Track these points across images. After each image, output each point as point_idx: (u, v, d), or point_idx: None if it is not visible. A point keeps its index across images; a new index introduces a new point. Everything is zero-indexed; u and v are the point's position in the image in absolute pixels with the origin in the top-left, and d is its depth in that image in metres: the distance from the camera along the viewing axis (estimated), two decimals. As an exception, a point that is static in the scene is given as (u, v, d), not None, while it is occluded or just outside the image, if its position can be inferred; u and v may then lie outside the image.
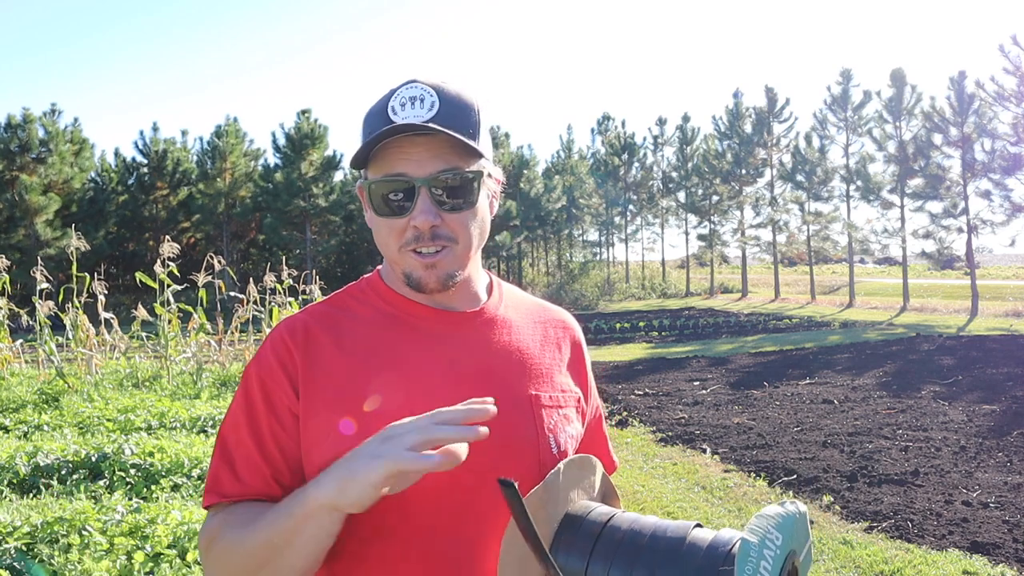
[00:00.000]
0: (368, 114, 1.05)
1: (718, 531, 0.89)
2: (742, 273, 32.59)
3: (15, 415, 6.81)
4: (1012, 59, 18.41)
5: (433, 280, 1.03)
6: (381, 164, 1.01)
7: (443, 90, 1.01)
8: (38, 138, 27.17)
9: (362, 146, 1.00)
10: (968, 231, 20.68)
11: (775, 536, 0.84)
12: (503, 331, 1.12)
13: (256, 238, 32.76)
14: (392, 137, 0.98)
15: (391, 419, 0.97)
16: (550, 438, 1.06)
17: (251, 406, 1.03)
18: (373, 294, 1.11)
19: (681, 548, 0.87)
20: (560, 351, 1.17)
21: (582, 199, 35.71)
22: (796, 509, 0.89)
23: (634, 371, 11.75)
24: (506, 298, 1.17)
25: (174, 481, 4.61)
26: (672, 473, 6.01)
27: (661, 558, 0.87)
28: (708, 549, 0.87)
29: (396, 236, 1.02)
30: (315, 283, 11.04)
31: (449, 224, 1.01)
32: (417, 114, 0.99)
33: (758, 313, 22.36)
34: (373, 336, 1.06)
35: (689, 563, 0.86)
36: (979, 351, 12.21)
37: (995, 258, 58.88)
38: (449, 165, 1.00)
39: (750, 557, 0.81)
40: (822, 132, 26.26)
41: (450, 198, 1.01)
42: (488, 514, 0.99)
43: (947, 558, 4.15)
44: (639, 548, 0.89)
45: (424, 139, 0.99)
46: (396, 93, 1.02)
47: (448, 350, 1.06)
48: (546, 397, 1.09)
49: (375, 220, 1.05)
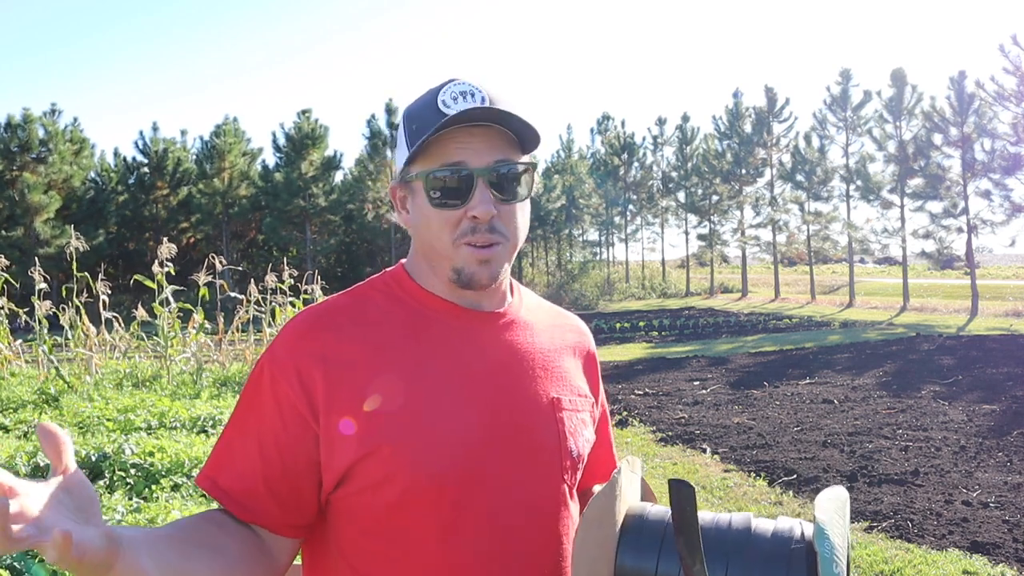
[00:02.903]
0: (412, 111, 1.04)
1: (775, 519, 0.94)
2: (742, 273, 32.60)
3: (15, 415, 6.81)
4: (1012, 59, 18.41)
5: (486, 276, 1.01)
6: (436, 155, 1.00)
7: (488, 87, 1.02)
8: (38, 138, 27.20)
9: (423, 139, 0.98)
10: (968, 231, 20.69)
11: (839, 518, 0.91)
12: (526, 333, 1.11)
13: (256, 238, 32.77)
14: (450, 128, 0.97)
15: (420, 412, 0.98)
16: (570, 441, 1.06)
17: (259, 407, 1.01)
18: (399, 289, 1.09)
19: (749, 537, 0.91)
20: (575, 356, 1.18)
21: (582, 199, 35.72)
22: (844, 494, 0.97)
23: (634, 371, 11.75)
24: (525, 299, 1.17)
25: (174, 481, 4.61)
26: (672, 473, 6.01)
27: (731, 548, 0.90)
28: (775, 534, 0.91)
29: (451, 228, 1.00)
30: (316, 283, 11.04)
31: (504, 217, 1.01)
32: (471, 105, 0.98)
33: (758, 313, 22.36)
34: (399, 330, 1.04)
35: (760, 549, 0.89)
36: (979, 351, 12.21)
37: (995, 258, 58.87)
38: (505, 156, 1.00)
39: (826, 535, 0.86)
40: (822, 132, 26.28)
41: (506, 190, 1.01)
42: (513, 516, 0.99)
43: (947, 558, 4.15)
44: (707, 542, 0.90)
45: (481, 130, 0.99)
46: (443, 89, 1.00)
47: (475, 347, 1.05)
48: (567, 400, 1.09)
49: (427, 212, 1.02)
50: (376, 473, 0.96)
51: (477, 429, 0.99)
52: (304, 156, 29.27)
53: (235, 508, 0.99)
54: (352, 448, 0.96)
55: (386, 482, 0.96)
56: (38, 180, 26.31)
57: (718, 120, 31.64)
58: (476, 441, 0.99)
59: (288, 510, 1.00)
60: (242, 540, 0.97)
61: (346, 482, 0.98)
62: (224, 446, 1.03)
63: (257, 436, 1.00)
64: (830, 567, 0.84)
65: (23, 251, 24.01)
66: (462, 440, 0.98)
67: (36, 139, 27.11)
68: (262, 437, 1.00)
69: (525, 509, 1.01)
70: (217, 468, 1.02)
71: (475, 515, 0.98)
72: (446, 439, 0.97)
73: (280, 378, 1.00)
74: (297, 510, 1.01)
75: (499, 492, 0.99)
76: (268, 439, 0.99)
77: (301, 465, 0.99)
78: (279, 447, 0.99)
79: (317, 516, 1.03)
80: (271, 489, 0.99)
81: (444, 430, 0.98)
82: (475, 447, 0.98)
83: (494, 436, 1.00)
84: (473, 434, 0.99)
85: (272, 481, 0.99)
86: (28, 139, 26.84)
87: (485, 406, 1.01)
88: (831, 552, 0.85)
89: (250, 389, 1.03)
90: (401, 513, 0.96)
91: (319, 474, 1.00)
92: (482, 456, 0.99)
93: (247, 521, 0.99)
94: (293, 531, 1.02)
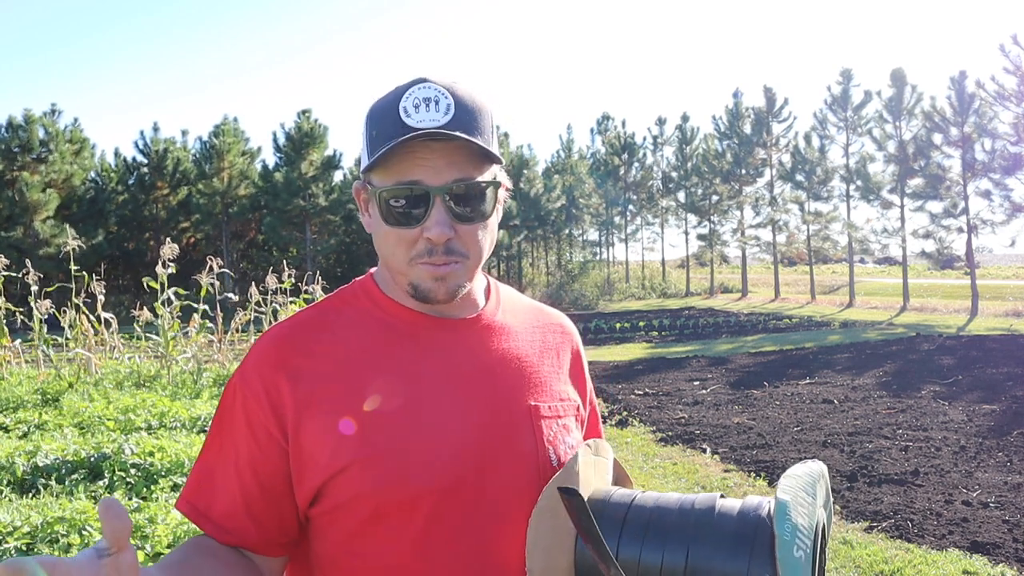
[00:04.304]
0: (374, 112, 0.98)
1: (744, 498, 0.89)
2: (742, 273, 32.59)
3: (14, 415, 6.81)
4: (1012, 59, 18.40)
5: (442, 293, 0.97)
6: (392, 169, 0.95)
7: (456, 92, 0.95)
8: (38, 138, 27.21)
9: (381, 152, 0.93)
10: (968, 231, 20.68)
11: (806, 495, 0.84)
12: (501, 338, 1.07)
13: (256, 238, 32.77)
14: (410, 140, 0.92)
15: (390, 426, 0.96)
16: (550, 450, 1.02)
17: (232, 428, 1.00)
18: (367, 300, 1.06)
19: (712, 519, 0.86)
20: (559, 358, 1.13)
21: (582, 199, 35.71)
22: (819, 467, 0.90)
23: (634, 371, 11.75)
24: (503, 302, 1.12)
25: (174, 481, 4.60)
26: (672, 473, 6.01)
27: (693, 532, 0.86)
28: (739, 515, 0.86)
29: (406, 247, 0.97)
30: (317, 283, 11.03)
31: (463, 237, 0.96)
32: (433, 117, 0.93)
33: (758, 313, 22.36)
34: (368, 343, 1.01)
35: (723, 531, 0.84)
36: (979, 351, 12.20)
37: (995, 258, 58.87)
38: (464, 174, 0.95)
39: (787, 515, 0.81)
40: (822, 132, 26.26)
41: (465, 209, 0.96)
42: (489, 527, 0.97)
43: (947, 558, 4.15)
44: (668, 525, 0.87)
45: (440, 145, 0.93)
46: (408, 93, 0.95)
47: (446, 357, 1.02)
48: (546, 407, 1.05)
49: (382, 228, 0.98)
50: (348, 490, 0.94)
51: (450, 442, 0.97)
52: (304, 156, 29.28)
53: (216, 532, 0.98)
54: (322, 466, 0.95)
55: (358, 499, 0.94)
56: (38, 179, 26.31)
57: (718, 120, 31.64)
58: (449, 454, 0.96)
59: (269, 530, 0.99)
60: (232, 564, 0.96)
61: (319, 500, 0.97)
62: (201, 470, 1.02)
63: (233, 458, 0.99)
64: (789, 550, 0.79)
65: (22, 251, 24.01)
66: (435, 454, 0.96)
67: (36, 139, 27.12)
68: (238, 459, 0.98)
69: (502, 521, 0.98)
70: (196, 492, 1.01)
71: (450, 529, 0.95)
72: (418, 454, 0.95)
73: (250, 398, 0.98)
74: (279, 529, 0.99)
75: (474, 505, 0.96)
76: (243, 460, 0.98)
77: (278, 485, 0.98)
78: (254, 468, 0.97)
79: (300, 533, 1.02)
80: (250, 511, 0.98)
81: (416, 444, 0.95)
82: (448, 460, 0.96)
83: (468, 448, 0.97)
84: (446, 447, 0.96)
85: (251, 502, 0.97)
86: (29, 139, 26.85)
87: (458, 417, 0.98)
88: (792, 534, 0.80)
89: (222, 411, 1.02)
90: (374, 529, 0.95)
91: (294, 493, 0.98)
92: (456, 469, 0.96)
93: (229, 544, 0.98)
94: (277, 550, 1.01)
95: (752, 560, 0.81)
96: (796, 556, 0.79)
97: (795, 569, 0.79)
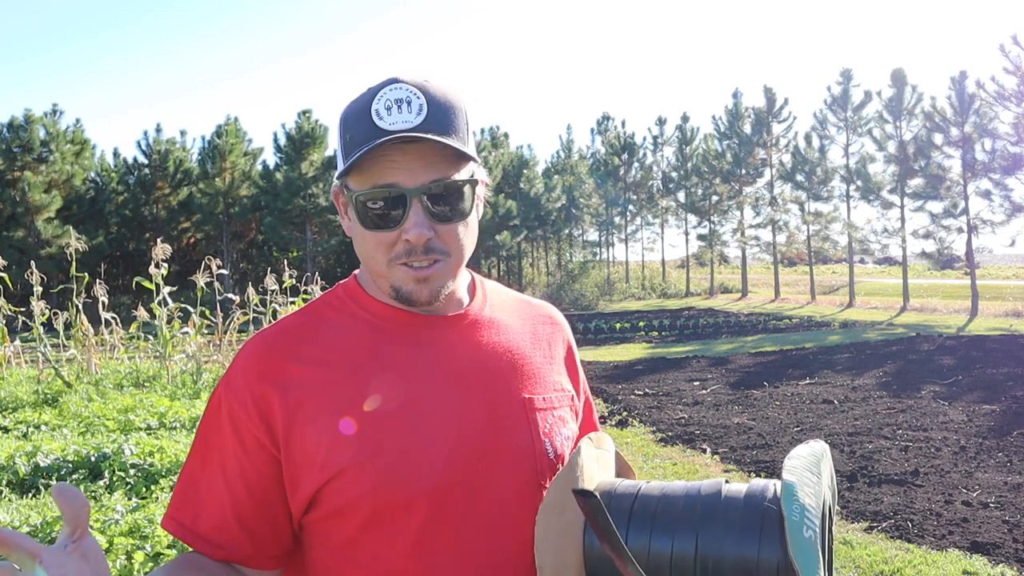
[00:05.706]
0: (347, 115, 0.97)
1: (748, 482, 0.89)
2: (742, 273, 32.60)
3: (14, 415, 6.81)
4: (1012, 59, 18.40)
5: (425, 294, 0.97)
6: (367, 173, 0.94)
7: (429, 91, 0.94)
8: (39, 139, 27.23)
9: (354, 158, 0.92)
10: (968, 231, 20.68)
11: (811, 475, 0.85)
12: (490, 333, 1.06)
13: (256, 238, 32.77)
14: (383, 144, 0.91)
15: (384, 427, 0.95)
16: (546, 443, 1.02)
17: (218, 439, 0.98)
18: (352, 303, 1.04)
19: (719, 504, 0.86)
20: (551, 348, 1.12)
21: (582, 199, 35.73)
22: (821, 446, 0.91)
23: (634, 371, 11.75)
24: (490, 297, 1.11)
25: (173, 481, 4.60)
26: (672, 473, 6.00)
27: (701, 518, 0.85)
28: (746, 499, 0.86)
29: (385, 250, 0.96)
30: (316, 283, 11.04)
31: (442, 236, 0.96)
32: (405, 119, 0.92)
33: (758, 313, 22.36)
34: (355, 345, 1.00)
35: (731, 516, 0.84)
36: (979, 351, 12.20)
37: (995, 258, 58.83)
38: (441, 174, 0.94)
39: (795, 497, 0.81)
40: (822, 132, 26.27)
41: (444, 208, 0.95)
42: (488, 524, 0.97)
43: (947, 558, 4.15)
44: (676, 513, 0.87)
45: (414, 146, 0.93)
46: (379, 95, 0.94)
47: (436, 355, 1.01)
48: (540, 400, 1.04)
49: (360, 232, 0.97)
50: (344, 494, 0.93)
51: (446, 440, 0.96)
52: (304, 156, 29.30)
53: (207, 548, 0.97)
54: (315, 472, 0.93)
55: (355, 502, 0.93)
56: (39, 179, 26.31)
57: (718, 120, 31.66)
58: (444, 454, 0.95)
59: (262, 542, 0.97)
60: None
61: (315, 506, 0.96)
62: (187, 485, 0.99)
63: (221, 470, 0.97)
64: (799, 532, 0.79)
65: (23, 251, 24.03)
66: (431, 454, 0.95)
67: (37, 140, 27.14)
68: (226, 471, 0.96)
69: (500, 517, 0.97)
70: (183, 509, 0.99)
71: (448, 528, 0.95)
72: (414, 454, 0.94)
73: (237, 407, 0.96)
74: (272, 540, 0.98)
75: (472, 502, 0.96)
76: (232, 472, 0.96)
77: (270, 494, 0.96)
78: (245, 479, 0.96)
79: (294, 543, 1.01)
80: (242, 523, 0.96)
81: (411, 445, 0.94)
82: (445, 459, 0.95)
83: (463, 446, 0.96)
84: (441, 447, 0.95)
85: (242, 514, 0.96)
86: (30, 140, 26.86)
87: (452, 415, 0.97)
88: (801, 515, 0.80)
89: (208, 422, 1.00)
90: (372, 533, 0.94)
91: (288, 501, 0.97)
92: (453, 467, 0.95)
93: (222, 559, 0.97)
94: (271, 562, 0.99)
95: (762, 543, 0.82)
96: (806, 536, 0.79)
97: (805, 549, 0.79)
